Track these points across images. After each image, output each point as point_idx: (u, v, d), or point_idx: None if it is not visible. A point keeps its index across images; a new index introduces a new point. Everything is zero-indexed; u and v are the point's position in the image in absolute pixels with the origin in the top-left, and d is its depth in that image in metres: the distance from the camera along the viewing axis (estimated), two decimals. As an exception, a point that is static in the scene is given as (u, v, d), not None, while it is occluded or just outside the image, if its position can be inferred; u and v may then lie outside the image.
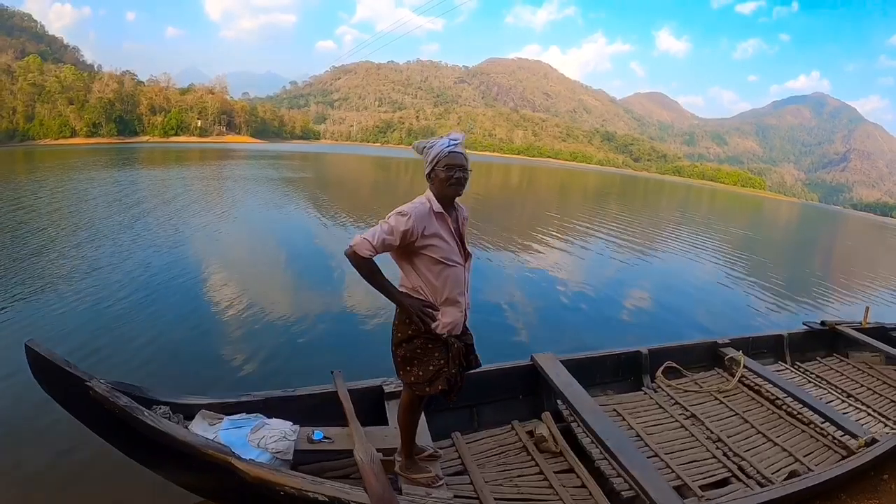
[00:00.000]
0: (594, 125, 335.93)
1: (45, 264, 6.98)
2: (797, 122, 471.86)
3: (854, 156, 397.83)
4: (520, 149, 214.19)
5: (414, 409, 2.31)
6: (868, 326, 5.51)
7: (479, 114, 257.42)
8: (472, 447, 2.98)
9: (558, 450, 3.01)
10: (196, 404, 2.42)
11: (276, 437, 2.27)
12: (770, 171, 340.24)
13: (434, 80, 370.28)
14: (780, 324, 7.53)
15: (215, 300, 6.10)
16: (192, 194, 15.82)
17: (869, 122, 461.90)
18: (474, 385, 3.11)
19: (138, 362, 4.31)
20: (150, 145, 72.12)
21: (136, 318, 5.25)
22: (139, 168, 25.46)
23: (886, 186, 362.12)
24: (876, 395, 4.44)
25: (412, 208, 1.98)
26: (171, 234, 9.58)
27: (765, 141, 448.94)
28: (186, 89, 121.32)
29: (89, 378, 1.73)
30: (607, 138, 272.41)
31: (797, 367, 4.82)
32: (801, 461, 3.26)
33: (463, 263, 2.14)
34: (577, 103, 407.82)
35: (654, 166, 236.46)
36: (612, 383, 3.99)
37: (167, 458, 1.93)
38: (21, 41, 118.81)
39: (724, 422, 3.66)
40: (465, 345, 2.23)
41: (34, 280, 6.24)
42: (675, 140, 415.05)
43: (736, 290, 9.99)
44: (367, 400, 2.93)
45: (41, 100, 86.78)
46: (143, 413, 1.75)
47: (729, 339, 4.66)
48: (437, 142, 2.07)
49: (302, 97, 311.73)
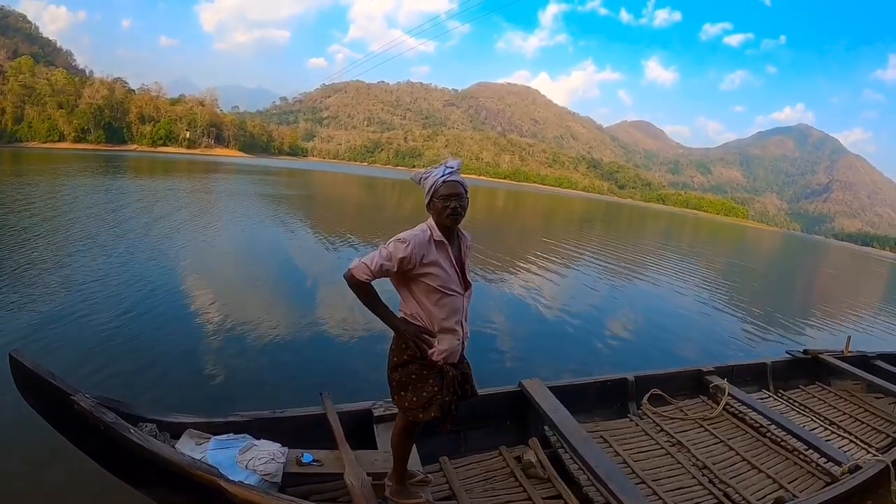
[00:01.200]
0: (580, 152, 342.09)
1: (29, 275, 6.83)
2: (781, 152, 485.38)
3: (836, 186, 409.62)
4: (506, 173, 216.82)
5: (408, 435, 2.29)
6: (849, 355, 5.63)
7: (466, 137, 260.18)
8: (459, 472, 2.96)
9: (546, 476, 3.00)
10: (183, 423, 2.38)
11: (264, 459, 2.24)
12: (753, 201, 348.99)
13: (423, 102, 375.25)
14: (763, 352, 7.63)
15: (203, 318, 6.01)
16: (180, 208, 15.66)
17: (851, 154, 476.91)
18: (462, 410, 3.09)
19: (123, 378, 4.22)
20: (138, 154, 71.67)
21: (122, 335, 5.14)
22: (127, 177, 25.19)
23: (868, 217, 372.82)
24: (858, 423, 4.52)
25: (412, 236, 1.98)
26: (161, 250, 9.46)
27: (748, 171, 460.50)
28: (177, 100, 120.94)
29: (74, 392, 1.68)
30: (593, 165, 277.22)
31: (780, 395, 4.88)
32: (786, 488, 3.29)
33: (462, 293, 2.13)
34: (564, 130, 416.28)
35: (638, 194, 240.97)
36: (599, 410, 4.00)
37: (153, 477, 1.88)
38: (14, 41, 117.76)
39: (709, 449, 3.69)
40: (462, 374, 2.21)
41: (16, 289, 6.10)
42: (660, 168, 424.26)
43: (719, 319, 10.12)
44: (356, 423, 2.91)
45: (31, 102, 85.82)
46: (129, 430, 1.71)
47: (713, 367, 4.71)
48: (434, 171, 2.08)
49: (291, 113, 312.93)
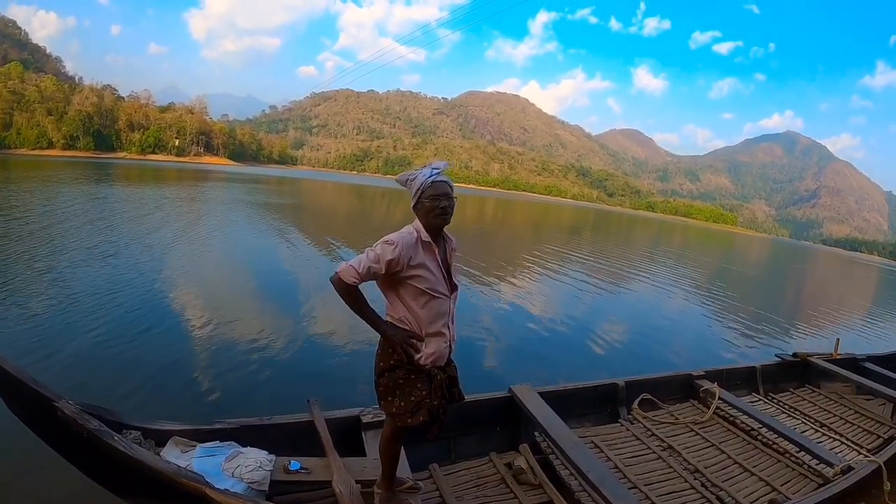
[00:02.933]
0: (570, 160, 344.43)
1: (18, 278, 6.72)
2: (769, 159, 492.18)
3: (824, 192, 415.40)
4: (496, 181, 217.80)
5: (396, 441, 2.26)
6: (839, 357, 5.68)
7: (456, 145, 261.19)
8: (449, 479, 2.92)
9: (537, 482, 2.98)
10: (168, 430, 2.34)
11: (251, 467, 2.20)
12: (742, 208, 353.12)
13: (413, 111, 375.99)
14: (753, 356, 7.68)
15: (190, 325, 5.92)
16: (170, 218, 15.51)
17: (839, 160, 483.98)
18: (452, 416, 3.05)
19: (107, 384, 4.13)
20: (127, 162, 71.03)
21: (107, 340, 5.04)
22: (119, 185, 24.94)
23: (855, 222, 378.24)
24: (848, 425, 4.54)
25: (399, 237, 1.97)
26: (147, 256, 9.34)
27: (737, 178, 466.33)
28: (166, 107, 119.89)
29: (58, 398, 1.64)
30: (582, 173, 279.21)
31: (771, 399, 4.90)
32: (779, 490, 3.29)
33: (449, 295, 2.11)
34: (554, 138, 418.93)
35: (627, 201, 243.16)
36: (590, 415, 3.99)
37: (137, 486, 1.83)
38: (4, 47, 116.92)
39: (701, 453, 3.68)
40: (449, 377, 2.19)
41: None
42: (649, 176, 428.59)
43: (709, 323, 10.18)
44: (345, 430, 2.87)
45: (20, 108, 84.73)
46: (113, 438, 1.67)
47: (703, 371, 4.72)
48: (420, 172, 2.07)
49: (281, 122, 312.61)
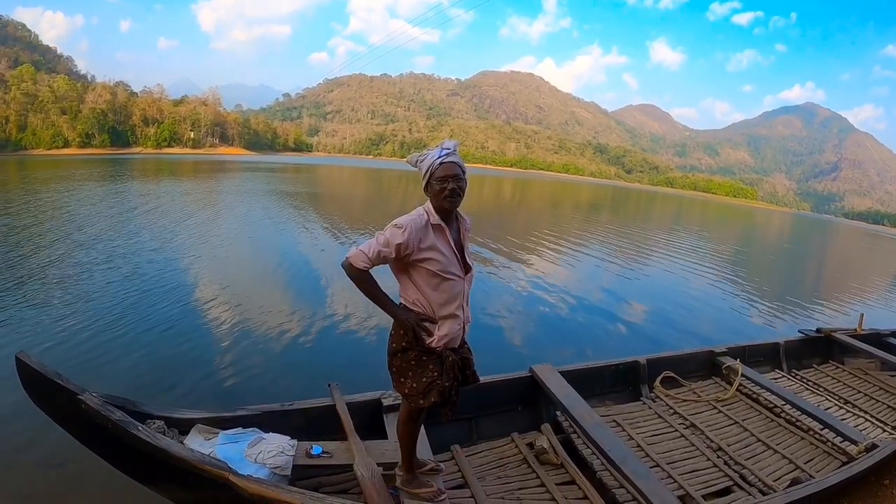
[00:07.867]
0: (586, 137, 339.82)
1: (42, 276, 6.89)
2: (788, 132, 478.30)
3: (845, 165, 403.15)
4: (512, 161, 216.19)
5: (413, 422, 2.26)
6: (863, 333, 5.57)
7: (471, 126, 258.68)
8: (471, 460, 2.94)
9: (559, 462, 2.98)
10: (191, 419, 2.37)
11: (273, 452, 2.23)
12: (762, 182, 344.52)
13: (427, 93, 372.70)
14: (775, 332, 7.57)
15: (213, 313, 6.02)
16: (191, 211, 15.69)
17: (860, 132, 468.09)
18: (473, 397, 3.08)
19: (131, 376, 4.23)
20: (144, 156, 71.88)
21: (130, 332, 5.16)
22: (137, 180, 25.30)
23: (878, 195, 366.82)
24: (873, 401, 4.46)
25: (409, 220, 1.94)
26: (168, 245, 9.50)
27: (756, 151, 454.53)
28: (179, 101, 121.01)
29: (81, 391, 1.68)
30: (599, 150, 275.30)
31: (794, 375, 4.82)
32: (802, 468, 3.25)
33: (462, 276, 2.08)
34: (570, 116, 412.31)
35: (646, 178, 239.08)
36: (611, 394, 3.97)
37: (162, 474, 1.88)
38: (15, 50, 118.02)
39: (723, 430, 3.65)
40: (462, 358, 2.16)
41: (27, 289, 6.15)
42: (667, 152, 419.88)
43: (731, 299, 10.02)
44: (366, 413, 2.89)
45: (34, 109, 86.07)
46: (136, 428, 1.70)
47: (725, 348, 4.66)
48: (430, 153, 2.03)
49: (295, 109, 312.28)
